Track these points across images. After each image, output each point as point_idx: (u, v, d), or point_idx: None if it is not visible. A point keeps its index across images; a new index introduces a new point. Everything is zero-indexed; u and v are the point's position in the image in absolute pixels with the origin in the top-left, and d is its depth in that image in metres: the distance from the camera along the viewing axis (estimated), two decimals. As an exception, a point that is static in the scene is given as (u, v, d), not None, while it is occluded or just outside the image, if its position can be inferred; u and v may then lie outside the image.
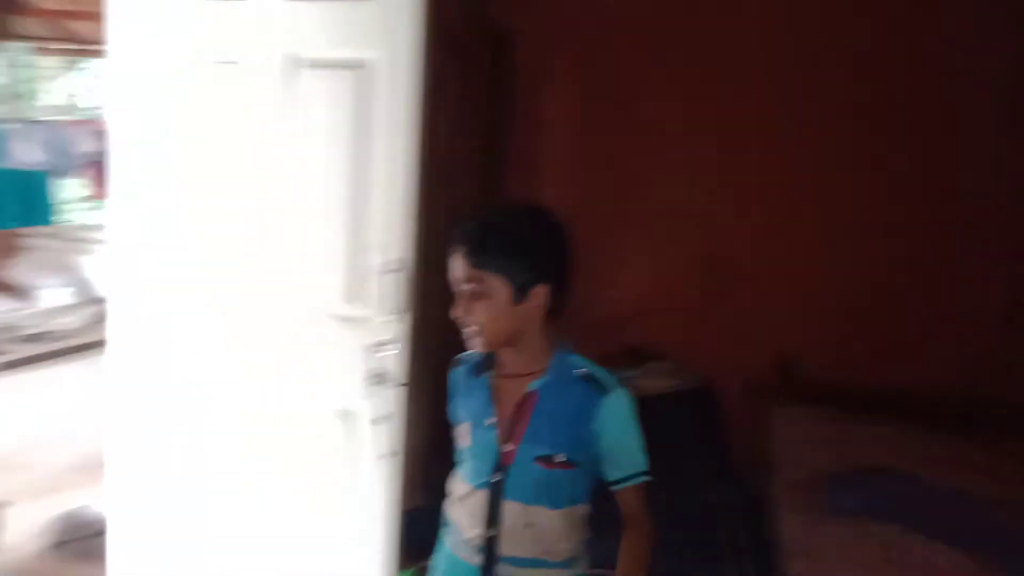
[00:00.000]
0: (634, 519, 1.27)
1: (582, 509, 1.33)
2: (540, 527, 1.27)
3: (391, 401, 1.86)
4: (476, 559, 1.31)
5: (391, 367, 1.86)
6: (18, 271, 6.53)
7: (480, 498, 1.30)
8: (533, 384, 1.27)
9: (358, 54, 1.78)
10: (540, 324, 1.27)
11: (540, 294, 1.23)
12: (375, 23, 1.75)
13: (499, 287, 1.22)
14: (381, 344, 1.84)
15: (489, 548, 1.30)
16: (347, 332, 1.89)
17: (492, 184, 2.83)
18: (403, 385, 1.86)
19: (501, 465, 1.28)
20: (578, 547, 1.33)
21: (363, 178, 1.82)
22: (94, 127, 4.84)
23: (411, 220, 1.79)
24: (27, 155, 4.65)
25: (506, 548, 1.29)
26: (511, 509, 1.28)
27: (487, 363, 1.33)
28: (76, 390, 4.59)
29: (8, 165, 4.57)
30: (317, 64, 1.84)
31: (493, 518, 1.29)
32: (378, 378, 1.85)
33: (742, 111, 2.85)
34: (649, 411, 2.47)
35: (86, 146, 4.83)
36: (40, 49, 8.64)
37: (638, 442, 1.28)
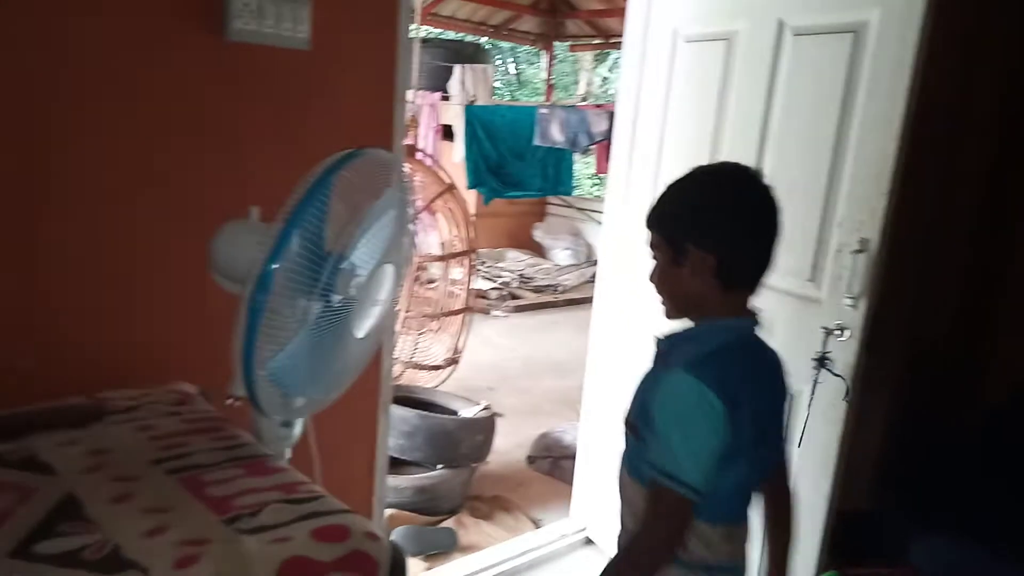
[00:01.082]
0: (647, 513, 1.14)
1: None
2: (624, 494, 1.25)
3: (833, 390, 1.75)
4: None
5: (840, 355, 1.74)
6: (540, 233, 7.97)
7: None
8: (662, 344, 1.23)
9: (853, 17, 1.68)
10: (716, 295, 1.15)
11: (697, 257, 1.12)
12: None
13: (663, 248, 1.17)
14: (832, 329, 1.74)
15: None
16: (800, 310, 1.83)
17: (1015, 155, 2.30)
18: (852, 375, 1.73)
19: None
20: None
21: (839, 150, 1.73)
22: (606, 110, 5.54)
23: (884, 197, 1.63)
24: (556, 136, 5.58)
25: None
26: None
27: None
28: (569, 335, 5.44)
29: (541, 144, 5.56)
30: (808, 31, 1.79)
31: None
32: (824, 363, 1.75)
33: None
34: None
35: (599, 128, 5.58)
36: (576, 45, 10.11)
37: (673, 439, 1.09)
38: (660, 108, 2.23)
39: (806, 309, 1.82)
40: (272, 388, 1.17)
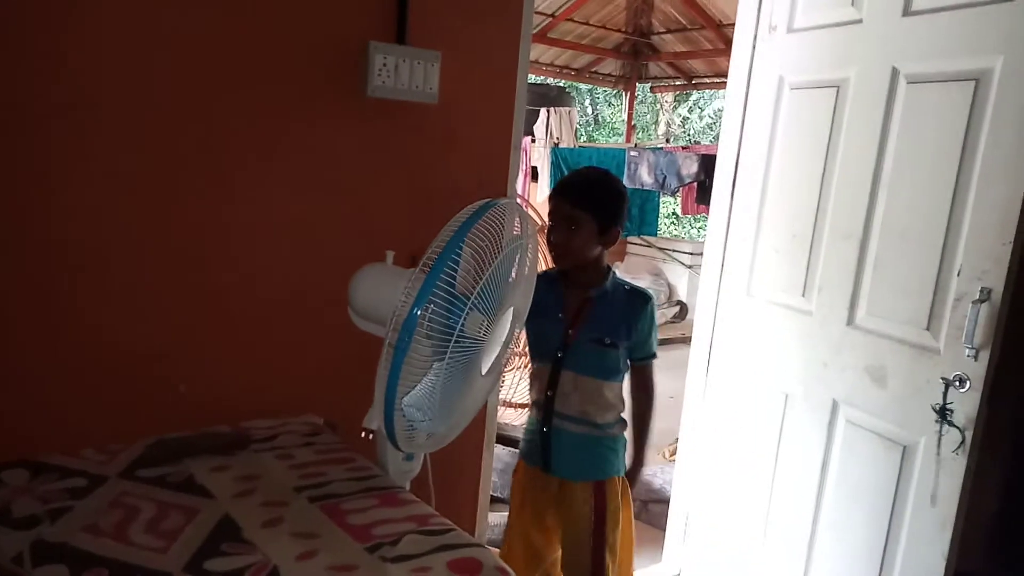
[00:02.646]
0: (645, 385, 1.80)
1: (618, 386, 1.76)
2: (585, 393, 1.72)
3: (953, 443, 1.70)
4: (539, 414, 1.76)
5: (960, 407, 1.69)
6: (620, 272, 7.96)
7: (546, 370, 1.74)
8: (594, 292, 1.72)
9: (974, 64, 1.66)
10: (603, 252, 1.71)
11: (614, 233, 1.68)
12: (998, 27, 1.61)
13: (589, 224, 1.64)
14: (952, 380, 1.69)
15: (547, 404, 1.73)
16: (915, 360, 1.79)
17: None
18: (970, 429, 1.67)
19: (565, 345, 1.71)
20: (615, 416, 1.76)
21: (958, 198, 1.70)
22: (695, 152, 5.55)
23: (1009, 247, 1.59)
24: (645, 177, 5.61)
25: (557, 405, 1.72)
26: (565, 376, 1.72)
27: (559, 277, 1.74)
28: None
29: (629, 186, 5.59)
30: (925, 79, 1.78)
31: (553, 383, 1.72)
32: (946, 414, 1.70)
33: None
34: None
35: (688, 170, 5.58)
36: (657, 86, 10.15)
37: (656, 334, 1.77)
38: (764, 152, 2.24)
39: (922, 358, 1.77)
40: (407, 423, 1.24)
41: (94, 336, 1.44)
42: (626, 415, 1.82)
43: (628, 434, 1.82)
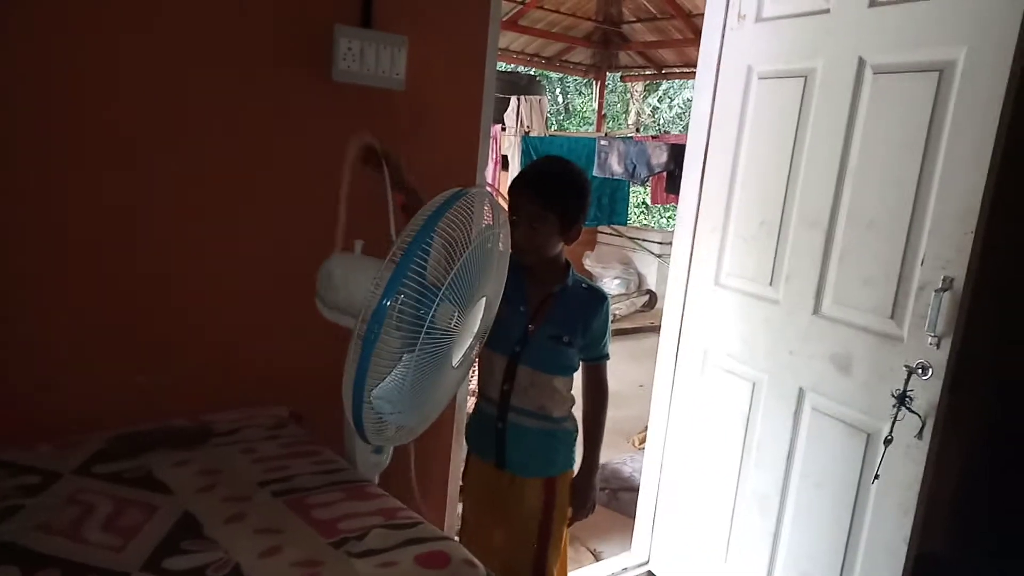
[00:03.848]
0: (598, 385, 1.81)
1: (571, 380, 1.77)
2: (542, 388, 1.71)
3: (914, 429, 1.73)
4: (492, 408, 1.73)
5: (922, 394, 1.71)
6: (590, 261, 7.99)
7: (502, 362, 1.70)
8: (557, 288, 1.70)
9: (938, 55, 1.68)
10: (563, 249, 1.71)
11: (577, 229, 1.66)
12: (963, 18, 1.63)
13: (554, 221, 1.61)
14: (915, 367, 1.71)
15: (503, 398, 1.70)
16: (879, 348, 1.82)
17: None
18: (931, 415, 1.70)
19: (524, 339, 1.68)
20: (568, 409, 1.78)
21: (922, 187, 1.72)
22: (664, 142, 5.56)
23: (971, 236, 1.62)
24: (615, 167, 5.61)
25: (514, 400, 1.70)
26: (522, 372, 1.69)
27: (522, 267, 1.65)
28: (622, 364, 5.41)
29: (599, 175, 5.59)
30: (890, 69, 1.80)
31: (510, 376, 1.69)
32: (905, 401, 1.73)
33: None
34: None
35: (658, 160, 5.60)
36: (627, 76, 10.17)
37: (609, 335, 1.79)
38: (732, 142, 2.24)
39: (886, 346, 1.80)
40: (376, 415, 1.22)
41: (46, 324, 1.39)
42: (579, 414, 1.81)
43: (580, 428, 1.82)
